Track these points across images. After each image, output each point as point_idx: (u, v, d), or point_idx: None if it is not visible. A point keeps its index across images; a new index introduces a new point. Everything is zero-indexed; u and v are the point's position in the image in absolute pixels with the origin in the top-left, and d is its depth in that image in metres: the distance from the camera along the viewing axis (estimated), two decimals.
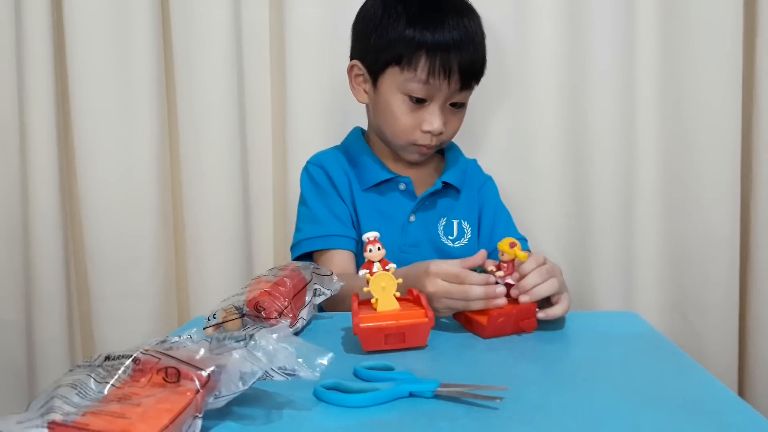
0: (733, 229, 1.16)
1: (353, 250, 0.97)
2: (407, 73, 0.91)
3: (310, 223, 0.99)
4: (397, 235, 0.99)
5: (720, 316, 1.16)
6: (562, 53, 1.18)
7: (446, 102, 0.95)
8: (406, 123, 0.95)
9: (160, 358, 0.46)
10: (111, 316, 1.22)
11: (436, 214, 1.02)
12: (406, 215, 1.00)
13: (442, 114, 0.94)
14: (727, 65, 1.13)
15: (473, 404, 0.51)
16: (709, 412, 0.49)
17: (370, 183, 1.00)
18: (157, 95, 1.20)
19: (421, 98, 0.93)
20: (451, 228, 1.02)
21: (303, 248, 0.97)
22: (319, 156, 1.05)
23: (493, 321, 0.70)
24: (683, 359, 0.63)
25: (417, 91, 0.92)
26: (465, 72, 0.92)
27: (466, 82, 0.93)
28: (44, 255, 1.21)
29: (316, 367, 0.49)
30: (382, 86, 0.95)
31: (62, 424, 0.42)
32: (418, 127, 0.95)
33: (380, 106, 0.97)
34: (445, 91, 0.92)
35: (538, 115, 1.19)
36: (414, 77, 0.91)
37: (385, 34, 0.92)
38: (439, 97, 0.93)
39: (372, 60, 0.96)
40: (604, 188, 1.19)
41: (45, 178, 1.20)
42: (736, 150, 1.15)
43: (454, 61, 0.90)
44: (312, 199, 1.01)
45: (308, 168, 1.04)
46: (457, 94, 0.94)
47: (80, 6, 1.17)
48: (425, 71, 0.90)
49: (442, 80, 0.91)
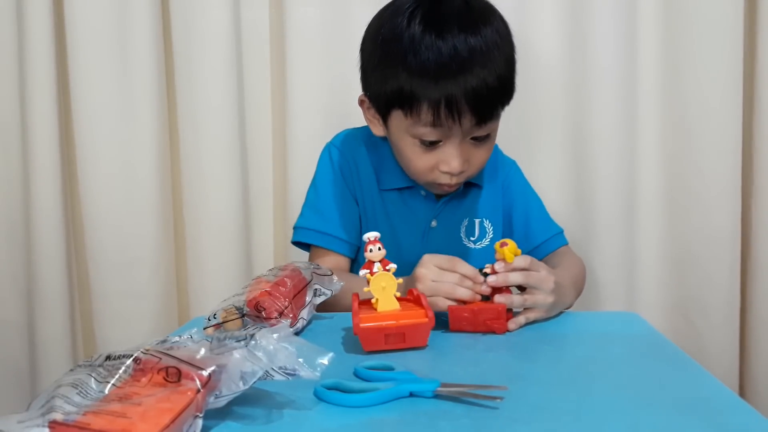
0: (734, 230, 1.16)
1: (352, 257, 0.95)
2: (412, 118, 0.82)
3: (316, 212, 0.95)
4: (418, 242, 0.95)
5: (721, 316, 1.17)
6: (564, 53, 1.18)
7: (465, 137, 0.83)
8: (421, 165, 0.86)
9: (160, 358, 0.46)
10: (112, 315, 1.23)
11: (458, 217, 0.97)
12: (428, 221, 0.96)
13: (460, 152, 0.83)
14: (727, 64, 1.13)
15: (473, 404, 0.51)
16: (710, 412, 0.49)
17: (390, 186, 0.95)
18: (157, 95, 1.21)
19: (433, 141, 0.83)
20: (473, 228, 0.98)
21: (301, 237, 0.95)
22: (346, 138, 0.98)
23: (456, 315, 0.72)
24: (683, 359, 0.63)
25: (426, 135, 0.82)
26: (479, 107, 0.80)
27: (484, 117, 0.81)
28: (46, 254, 1.21)
29: (317, 367, 0.49)
30: (391, 127, 0.87)
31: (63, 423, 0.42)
32: (436, 168, 0.85)
33: (394, 145, 0.89)
34: (459, 129, 0.81)
35: (539, 115, 1.20)
36: (419, 122, 0.81)
37: (384, 81, 0.83)
38: (455, 135, 0.82)
39: (375, 99, 0.88)
40: (605, 188, 1.19)
41: (46, 178, 1.20)
42: (737, 150, 1.15)
43: (462, 102, 0.78)
44: (325, 187, 0.95)
45: (332, 150, 0.97)
46: (476, 128, 0.82)
47: (81, 6, 1.17)
48: (429, 118, 0.80)
49: (452, 123, 0.80)
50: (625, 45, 1.16)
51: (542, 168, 1.20)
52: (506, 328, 0.72)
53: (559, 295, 0.77)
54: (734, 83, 1.14)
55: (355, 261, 0.98)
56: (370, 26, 0.88)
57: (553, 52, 1.18)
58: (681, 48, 1.15)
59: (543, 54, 1.18)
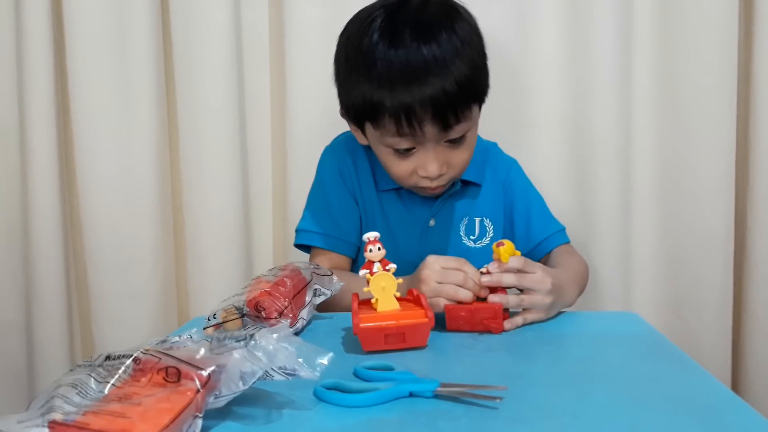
0: (728, 228, 1.16)
1: (353, 257, 0.96)
2: (379, 130, 0.83)
3: (317, 214, 0.96)
4: (416, 241, 0.96)
5: (715, 314, 1.17)
6: (561, 55, 1.18)
7: (438, 142, 0.83)
8: (400, 172, 0.86)
9: (160, 358, 0.46)
10: (111, 315, 1.22)
11: (457, 216, 0.97)
12: (426, 220, 0.96)
13: (436, 156, 0.83)
14: (723, 65, 1.13)
15: (473, 404, 0.51)
16: (709, 412, 0.49)
17: (388, 186, 0.95)
18: (157, 95, 1.21)
19: (406, 148, 0.83)
20: (473, 227, 0.97)
21: (303, 239, 0.96)
22: (344, 141, 0.99)
23: (453, 314, 0.72)
24: (683, 359, 0.63)
25: (397, 144, 0.83)
26: (440, 115, 0.78)
27: (448, 122, 0.80)
28: (44, 255, 1.21)
29: (317, 367, 0.49)
30: (369, 137, 0.88)
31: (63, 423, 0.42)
32: (415, 173, 0.85)
33: (375, 152, 0.90)
34: (429, 136, 0.81)
35: (536, 115, 1.20)
36: (387, 133, 0.82)
37: (349, 93, 0.85)
38: (427, 141, 0.82)
39: (348, 114, 0.89)
40: (600, 188, 1.20)
41: (45, 178, 1.20)
42: (732, 149, 1.15)
43: (421, 110, 0.78)
44: (325, 189, 0.97)
45: (330, 153, 0.99)
46: (443, 134, 0.82)
47: (80, 6, 1.17)
48: (393, 128, 0.80)
49: (417, 131, 0.80)
50: (621, 45, 1.16)
51: (538, 168, 1.20)
52: (503, 328, 0.72)
53: (557, 296, 0.77)
54: (729, 84, 1.14)
55: (355, 261, 0.98)
56: (340, 37, 0.88)
57: (550, 53, 1.18)
58: (676, 47, 1.15)
59: (540, 55, 1.18)
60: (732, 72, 1.14)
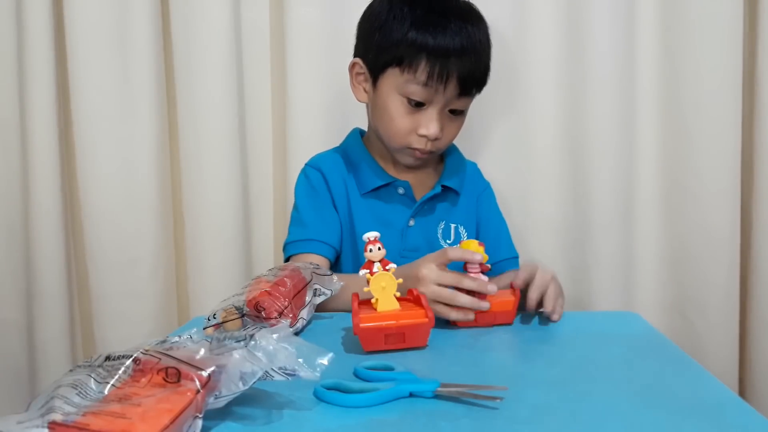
0: (733, 228, 1.16)
1: (329, 258, 0.97)
2: (407, 74, 0.91)
3: (296, 226, 0.99)
4: (397, 240, 0.99)
5: (720, 315, 1.16)
6: (561, 53, 1.18)
7: (445, 107, 0.93)
8: (402, 125, 0.94)
9: (160, 358, 0.46)
10: (111, 315, 1.22)
11: (435, 218, 1.02)
12: (406, 220, 1.00)
13: (439, 119, 0.93)
14: (727, 65, 1.13)
15: (473, 404, 0.51)
16: (710, 412, 0.49)
17: (369, 188, 1.00)
18: (157, 95, 1.20)
19: (419, 102, 0.92)
20: (449, 232, 1.03)
21: (287, 251, 0.98)
22: (317, 159, 1.05)
23: None
24: (684, 359, 0.63)
25: (416, 93, 0.91)
26: (464, 79, 0.91)
27: (464, 90, 0.92)
28: (45, 254, 1.21)
29: (317, 367, 0.49)
30: (382, 86, 0.95)
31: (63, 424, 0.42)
32: (415, 131, 0.94)
33: (378, 107, 0.96)
34: (443, 96, 0.92)
35: (537, 115, 1.19)
36: (413, 79, 0.90)
37: (389, 35, 0.92)
38: (438, 101, 0.92)
39: (373, 59, 0.95)
40: (603, 188, 1.19)
41: (45, 178, 1.20)
42: (736, 149, 1.15)
43: (454, 67, 0.89)
44: (303, 203, 1.01)
45: (306, 171, 1.03)
46: (455, 100, 0.93)
47: (81, 5, 1.17)
48: (424, 74, 0.89)
49: (440, 85, 0.90)
50: (624, 46, 1.16)
51: (541, 168, 1.20)
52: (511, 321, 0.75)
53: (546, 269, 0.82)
54: (733, 84, 1.13)
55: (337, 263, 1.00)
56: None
57: (551, 54, 1.17)
58: (679, 48, 1.15)
59: (541, 55, 1.18)
60: (737, 72, 1.13)
